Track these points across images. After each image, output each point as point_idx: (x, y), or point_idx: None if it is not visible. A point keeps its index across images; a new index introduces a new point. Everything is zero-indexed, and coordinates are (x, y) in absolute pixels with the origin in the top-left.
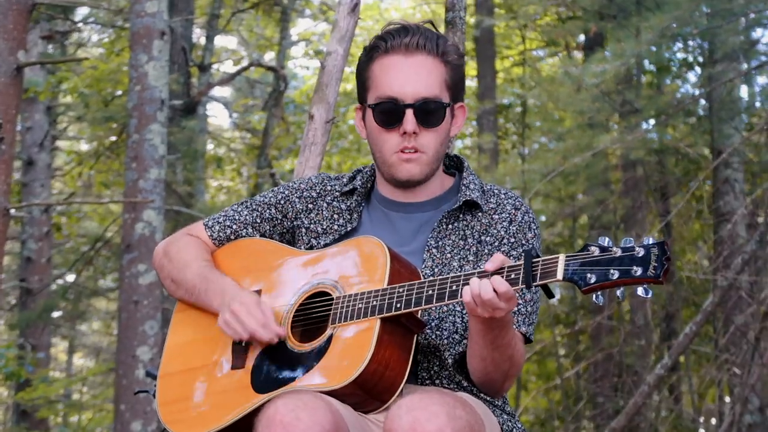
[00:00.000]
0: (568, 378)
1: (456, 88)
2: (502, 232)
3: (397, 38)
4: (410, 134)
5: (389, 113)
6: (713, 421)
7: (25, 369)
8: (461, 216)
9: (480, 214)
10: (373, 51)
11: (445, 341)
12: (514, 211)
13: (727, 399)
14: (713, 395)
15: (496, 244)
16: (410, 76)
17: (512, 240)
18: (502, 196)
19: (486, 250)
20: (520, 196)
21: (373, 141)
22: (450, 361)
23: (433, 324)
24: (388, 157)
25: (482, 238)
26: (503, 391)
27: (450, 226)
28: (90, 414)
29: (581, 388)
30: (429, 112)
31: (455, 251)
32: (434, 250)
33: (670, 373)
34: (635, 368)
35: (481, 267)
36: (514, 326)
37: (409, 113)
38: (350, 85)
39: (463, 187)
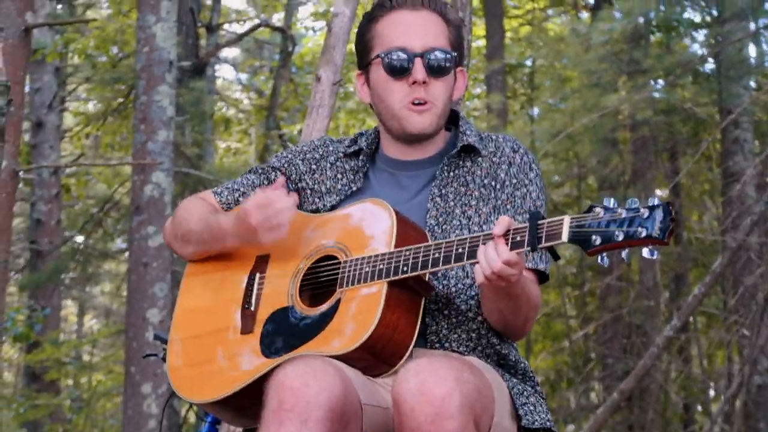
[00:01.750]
0: (577, 339)
1: (458, 49)
2: (503, 175)
3: None
4: (420, 83)
5: (398, 62)
6: (722, 382)
7: (33, 328)
8: (461, 163)
9: (480, 159)
10: (377, 10)
11: (454, 289)
12: (512, 154)
13: (737, 360)
14: (722, 357)
15: (499, 187)
16: (418, 29)
17: (514, 181)
18: (500, 140)
19: (492, 195)
20: (518, 140)
21: (380, 96)
22: (464, 307)
23: (439, 274)
24: (398, 110)
25: (485, 182)
26: (526, 333)
27: (452, 174)
28: (100, 375)
29: (590, 349)
30: (438, 62)
31: (458, 198)
32: (438, 199)
33: (678, 335)
34: (644, 329)
35: (483, 214)
36: (531, 263)
37: (419, 62)
38: None
39: (460, 134)
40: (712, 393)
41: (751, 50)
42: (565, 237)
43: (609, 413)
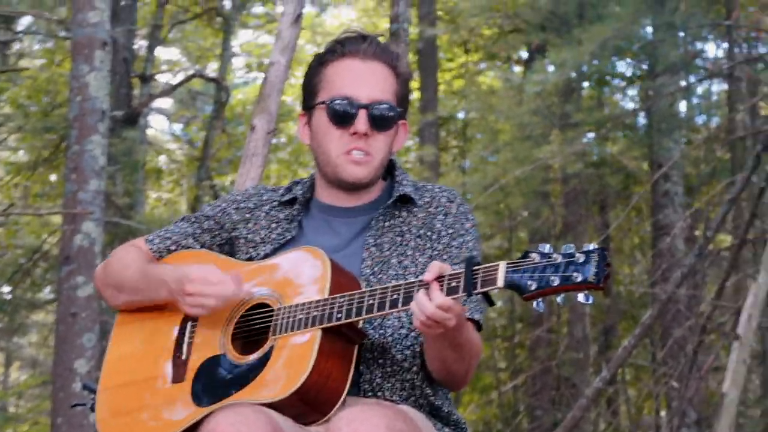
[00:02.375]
0: (506, 391)
1: (403, 103)
2: (439, 225)
3: (354, 44)
4: (361, 135)
5: (342, 111)
6: None
7: None
8: (397, 213)
9: (415, 209)
10: (328, 54)
11: (390, 339)
12: (448, 204)
13: (664, 413)
14: (650, 409)
15: (435, 237)
16: (366, 80)
17: (450, 231)
18: (436, 190)
19: (428, 245)
20: (454, 189)
21: (320, 141)
22: (399, 357)
23: (375, 323)
24: (335, 157)
25: (420, 232)
26: (466, 382)
27: (387, 224)
28: (25, 427)
29: (519, 401)
30: (381, 115)
31: (393, 248)
32: (373, 249)
33: (607, 386)
34: (573, 381)
35: (420, 264)
36: (468, 313)
37: (363, 113)
38: (289, 98)
39: (396, 184)
40: None
41: (682, 105)
42: (500, 282)
43: None
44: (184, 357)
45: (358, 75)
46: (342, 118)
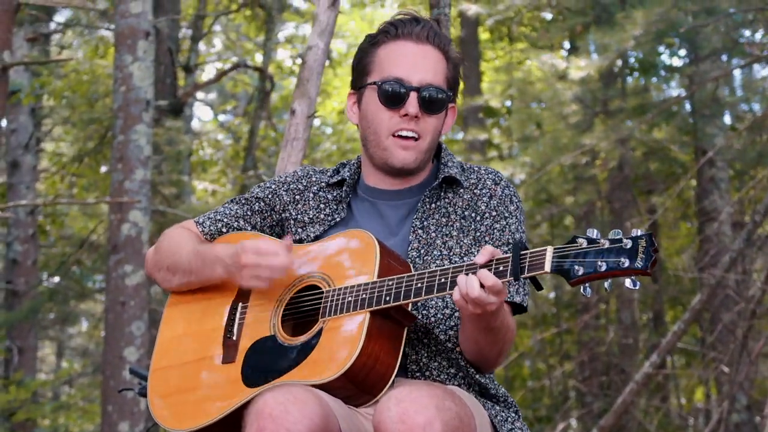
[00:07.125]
0: (555, 377)
1: (453, 86)
2: (483, 207)
3: (408, 26)
4: (411, 117)
5: (394, 93)
6: (701, 419)
7: None
8: (443, 194)
9: (461, 190)
10: (381, 35)
11: (433, 319)
12: (494, 186)
13: (714, 397)
14: (701, 394)
15: (479, 219)
16: (418, 62)
17: (494, 213)
18: (482, 172)
19: (472, 226)
20: (500, 172)
21: (369, 122)
22: (442, 337)
23: (419, 303)
24: (384, 139)
25: (465, 213)
26: (498, 366)
27: (433, 206)
28: (76, 414)
29: (568, 387)
30: (432, 99)
31: (439, 229)
32: (420, 231)
33: (657, 371)
34: (622, 367)
35: (464, 246)
36: (509, 297)
37: (414, 96)
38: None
39: (441, 166)
40: (690, 430)
41: (726, 90)
42: (547, 267)
43: None
44: (234, 338)
45: (410, 57)
46: (393, 99)
